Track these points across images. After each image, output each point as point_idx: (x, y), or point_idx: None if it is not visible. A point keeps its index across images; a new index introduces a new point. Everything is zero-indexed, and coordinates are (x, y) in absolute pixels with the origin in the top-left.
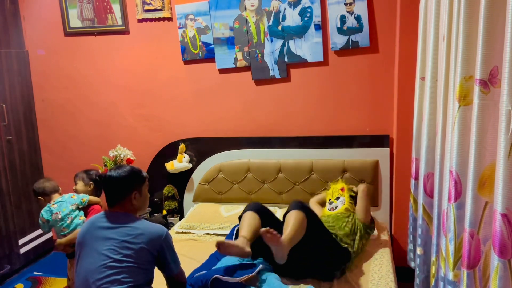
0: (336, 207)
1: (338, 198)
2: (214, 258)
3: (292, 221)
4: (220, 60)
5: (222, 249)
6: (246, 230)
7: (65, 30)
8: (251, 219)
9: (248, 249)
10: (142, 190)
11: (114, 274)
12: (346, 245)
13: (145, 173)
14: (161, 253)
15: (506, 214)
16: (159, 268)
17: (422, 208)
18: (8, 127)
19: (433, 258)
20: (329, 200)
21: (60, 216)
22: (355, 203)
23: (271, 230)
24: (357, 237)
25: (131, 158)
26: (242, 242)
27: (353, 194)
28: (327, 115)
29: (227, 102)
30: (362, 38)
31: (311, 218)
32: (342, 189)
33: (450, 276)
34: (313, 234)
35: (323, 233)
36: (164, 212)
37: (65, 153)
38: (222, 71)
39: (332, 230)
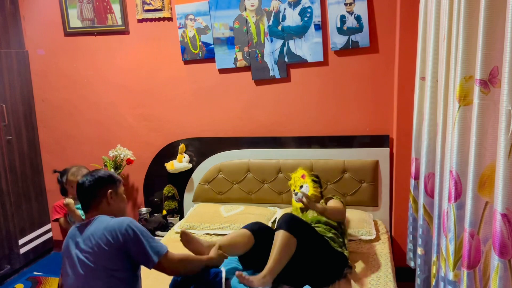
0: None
1: (301, 186)
2: None
3: (275, 249)
4: (220, 60)
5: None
6: (223, 241)
7: (65, 30)
8: (238, 236)
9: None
10: (118, 191)
11: (94, 285)
12: (338, 247)
13: (118, 177)
14: (131, 246)
15: (506, 214)
16: (143, 264)
17: (422, 208)
18: (8, 127)
19: (434, 258)
20: (294, 191)
21: None
22: (320, 187)
23: (243, 275)
24: (342, 232)
25: (131, 158)
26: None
27: (316, 179)
28: (327, 115)
29: (227, 102)
30: (362, 38)
31: (300, 232)
32: (303, 176)
33: (451, 276)
34: (306, 246)
35: (317, 241)
36: (164, 212)
37: (65, 153)
38: (222, 71)
39: (321, 227)
